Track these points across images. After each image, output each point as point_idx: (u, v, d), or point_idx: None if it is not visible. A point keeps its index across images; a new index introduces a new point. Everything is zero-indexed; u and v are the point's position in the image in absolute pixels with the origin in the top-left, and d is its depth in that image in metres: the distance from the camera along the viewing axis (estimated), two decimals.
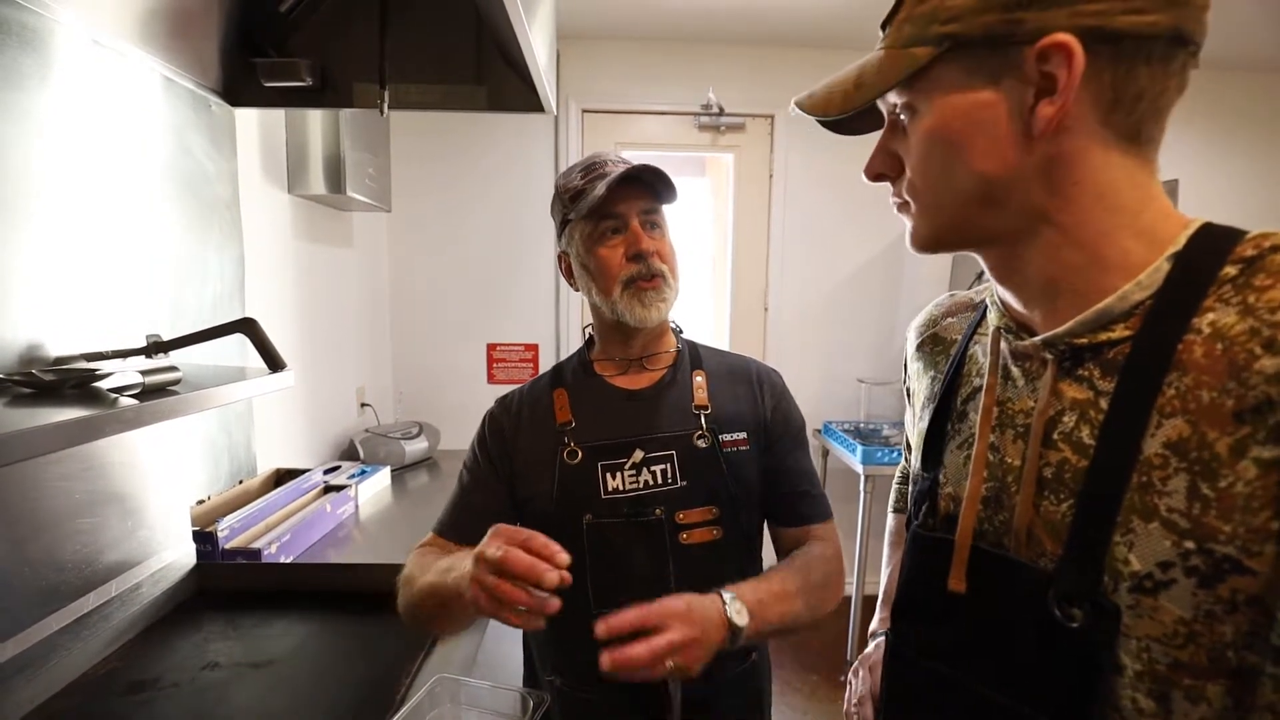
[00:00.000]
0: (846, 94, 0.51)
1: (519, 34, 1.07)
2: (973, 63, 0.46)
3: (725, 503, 0.86)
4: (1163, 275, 0.46)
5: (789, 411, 0.95)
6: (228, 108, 1.35)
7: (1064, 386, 0.50)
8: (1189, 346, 0.44)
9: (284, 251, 1.80)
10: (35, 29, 0.93)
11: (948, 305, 0.70)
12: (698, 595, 0.73)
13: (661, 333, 0.96)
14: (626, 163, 0.90)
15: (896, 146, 0.53)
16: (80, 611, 1.01)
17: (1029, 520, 0.50)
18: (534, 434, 0.92)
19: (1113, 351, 0.47)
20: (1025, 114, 0.45)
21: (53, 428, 0.64)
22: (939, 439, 0.61)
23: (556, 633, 0.90)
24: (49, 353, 0.94)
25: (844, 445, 2.51)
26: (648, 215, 0.89)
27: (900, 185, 0.54)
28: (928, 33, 0.47)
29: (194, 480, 1.33)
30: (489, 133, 2.62)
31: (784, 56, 2.65)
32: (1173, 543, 0.42)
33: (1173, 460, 0.43)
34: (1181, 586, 0.42)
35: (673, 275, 0.91)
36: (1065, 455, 0.49)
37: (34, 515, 0.95)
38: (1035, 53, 0.43)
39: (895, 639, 0.62)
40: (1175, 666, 0.43)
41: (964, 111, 0.47)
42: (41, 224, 0.95)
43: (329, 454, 2.09)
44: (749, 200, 2.78)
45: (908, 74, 0.48)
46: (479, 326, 2.72)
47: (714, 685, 0.86)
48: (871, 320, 2.84)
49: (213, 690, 0.95)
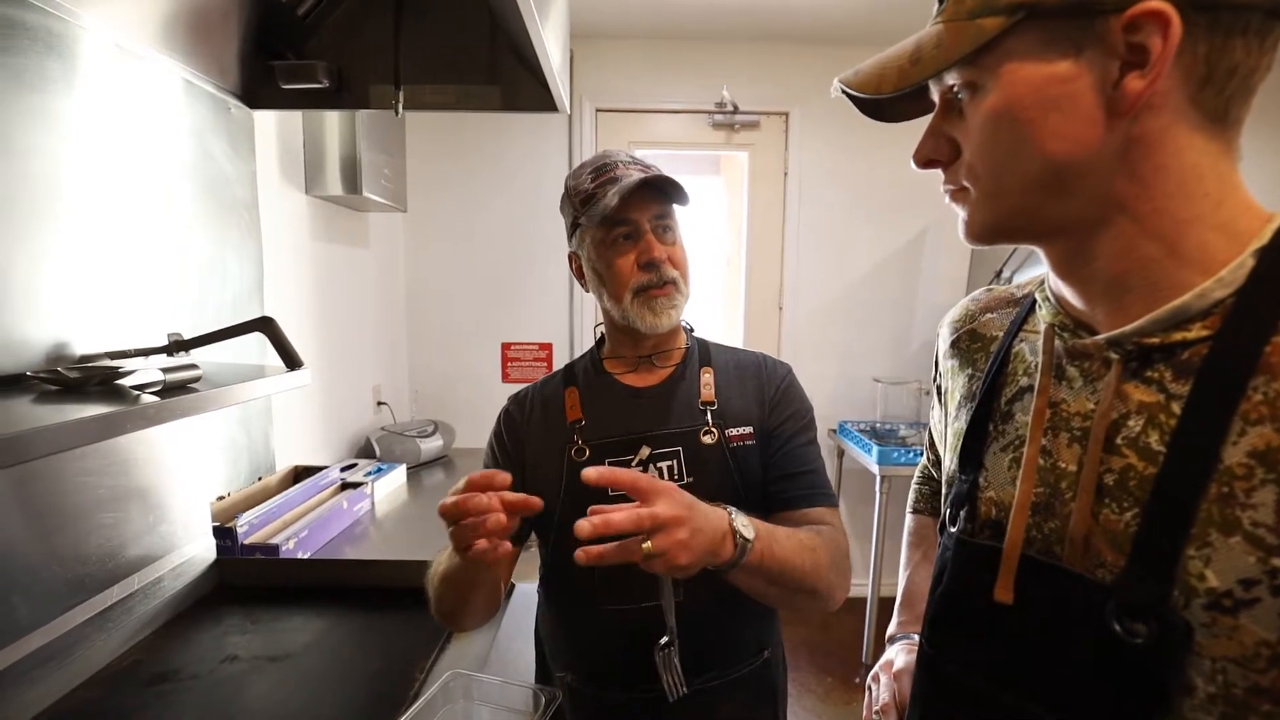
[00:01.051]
0: (902, 70, 0.47)
1: (532, 34, 1.07)
2: (1049, 34, 0.42)
3: (731, 498, 0.84)
4: (1246, 271, 0.42)
5: (792, 398, 0.94)
6: (246, 110, 1.37)
7: (1129, 388, 0.46)
8: (1277, 349, 0.41)
9: (301, 251, 1.82)
10: (61, 34, 0.95)
11: (985, 300, 0.66)
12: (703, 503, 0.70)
13: (672, 332, 0.96)
14: (638, 163, 0.90)
15: (951, 129, 0.49)
16: (104, 604, 1.03)
17: (1086, 529, 0.47)
18: (545, 431, 0.92)
19: (1188, 352, 0.44)
20: (1108, 89, 0.41)
21: (77, 423, 0.66)
22: (979, 440, 0.58)
23: (566, 630, 0.91)
24: (74, 351, 0.96)
25: (860, 445, 2.50)
26: (660, 220, 0.89)
27: (956, 170, 0.50)
28: (997, 3, 0.43)
29: (214, 476, 1.35)
30: (503, 133, 2.64)
31: (798, 54, 2.64)
32: (1258, 559, 0.39)
33: (1259, 471, 0.40)
34: (1266, 606, 0.39)
35: (684, 280, 0.91)
36: (1130, 461, 0.45)
37: (60, 510, 0.97)
38: (1124, 22, 0.40)
39: (931, 650, 0.58)
40: (1255, 691, 0.40)
41: (1038, 87, 0.43)
42: (67, 226, 0.97)
43: (346, 452, 2.11)
44: (763, 199, 2.77)
45: (975, 47, 0.43)
46: (493, 326, 2.74)
47: (725, 680, 0.86)
48: (887, 319, 2.81)
49: (231, 682, 0.97)
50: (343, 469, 1.77)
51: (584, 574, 0.83)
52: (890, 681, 0.75)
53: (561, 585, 0.91)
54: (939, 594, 0.58)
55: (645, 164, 0.91)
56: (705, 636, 0.85)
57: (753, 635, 0.90)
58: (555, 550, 0.90)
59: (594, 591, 0.85)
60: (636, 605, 0.83)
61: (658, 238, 0.88)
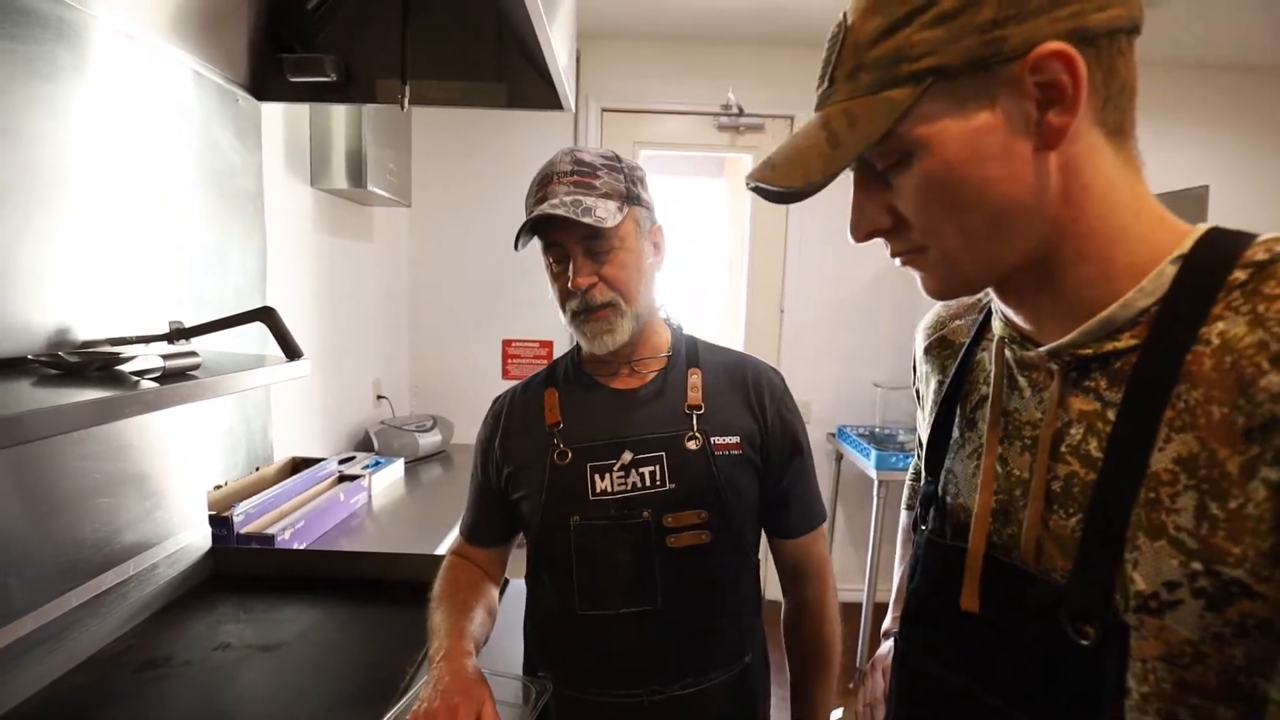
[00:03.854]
0: (824, 155, 0.46)
1: (539, 32, 1.08)
2: (959, 91, 0.43)
3: (715, 506, 0.85)
4: (1168, 280, 0.44)
5: (789, 417, 0.92)
6: (254, 102, 1.38)
7: (1071, 398, 0.48)
8: (1198, 358, 0.42)
9: (305, 244, 1.83)
10: (71, 23, 0.96)
11: (955, 307, 0.69)
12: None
13: (649, 335, 0.92)
14: (577, 173, 0.83)
15: (882, 199, 0.49)
16: (98, 589, 1.03)
17: (1038, 535, 0.49)
18: (526, 434, 0.91)
19: (1120, 362, 0.46)
20: (1032, 128, 0.43)
21: (76, 406, 0.66)
22: (943, 444, 0.60)
23: (545, 632, 0.92)
24: (76, 336, 0.97)
25: (858, 450, 2.49)
26: (590, 241, 0.83)
27: (905, 236, 0.49)
28: (898, 72, 0.43)
29: (212, 465, 1.36)
30: (508, 130, 2.64)
31: (804, 57, 2.64)
32: (1180, 562, 0.41)
33: (1182, 477, 0.42)
34: (1188, 608, 0.41)
35: (630, 297, 0.85)
36: (1074, 469, 0.47)
37: (55, 493, 0.97)
38: (1029, 65, 0.41)
39: (905, 644, 0.61)
40: (1182, 686, 0.42)
41: (966, 142, 0.44)
42: (72, 212, 0.97)
43: (344, 444, 2.12)
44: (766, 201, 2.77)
45: (895, 119, 0.44)
46: (494, 322, 2.75)
47: (703, 686, 0.85)
48: (889, 323, 2.81)
49: (223, 670, 0.98)
50: (340, 461, 1.77)
51: (563, 579, 0.86)
52: (879, 679, 0.76)
53: (542, 587, 0.91)
54: (910, 591, 0.61)
55: (585, 171, 0.83)
56: (684, 639, 0.85)
57: (734, 639, 0.89)
58: (537, 552, 0.90)
59: (572, 597, 0.85)
60: (615, 612, 0.84)
61: (589, 259, 0.83)
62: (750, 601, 0.92)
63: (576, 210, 0.79)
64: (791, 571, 0.96)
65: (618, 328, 0.85)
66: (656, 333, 0.93)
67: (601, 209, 0.81)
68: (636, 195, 0.86)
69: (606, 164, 0.85)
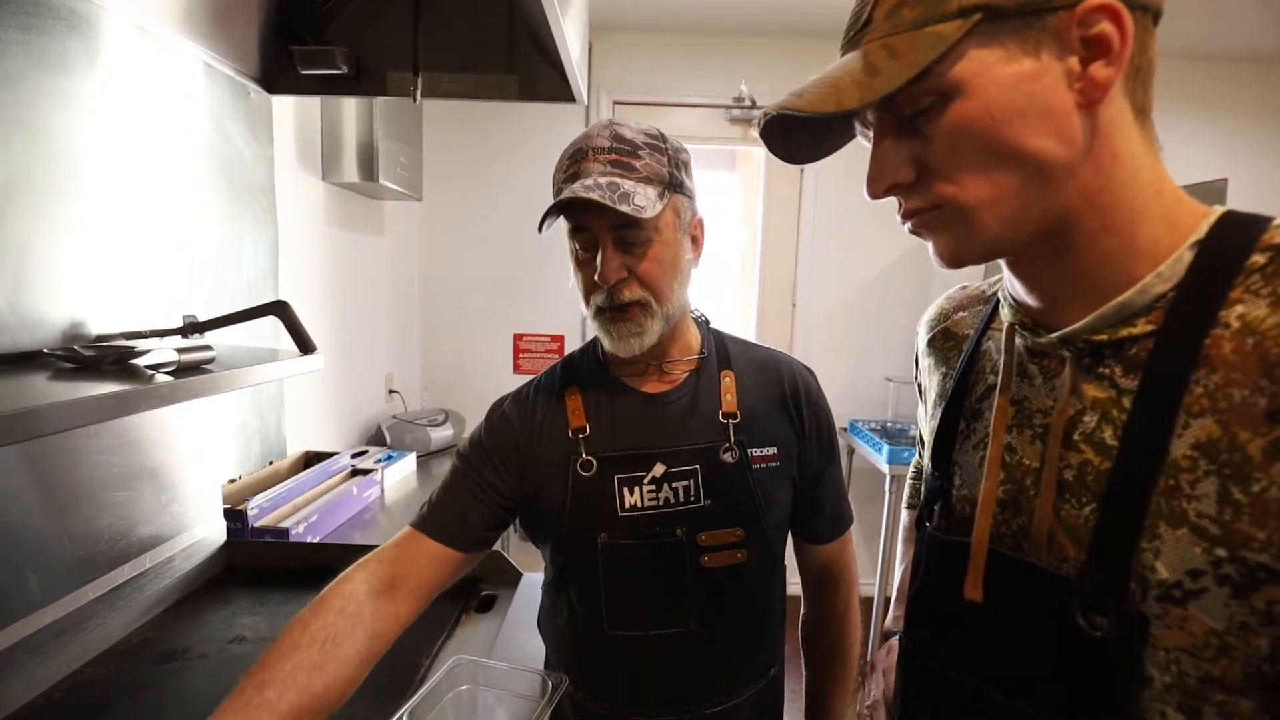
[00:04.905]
0: (860, 84, 0.43)
1: (552, 24, 1.07)
2: (1006, 34, 0.41)
3: (752, 523, 0.79)
4: (1185, 265, 0.43)
5: (825, 422, 0.87)
6: (265, 95, 1.37)
7: (1084, 385, 0.47)
8: (1217, 342, 0.42)
9: (317, 238, 1.83)
10: (84, 15, 0.95)
11: (959, 299, 0.67)
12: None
13: (680, 333, 0.84)
14: (616, 150, 0.73)
15: (908, 148, 0.46)
16: (115, 582, 1.04)
17: (1049, 525, 0.48)
18: (546, 439, 0.81)
19: (1135, 348, 0.45)
20: (1075, 81, 0.41)
21: (91, 400, 0.66)
22: (950, 438, 0.59)
23: (568, 642, 0.85)
24: (90, 330, 0.97)
25: (870, 444, 2.48)
26: (622, 230, 0.73)
27: (924, 192, 0.46)
28: (945, 8, 0.41)
29: (226, 460, 1.36)
30: (519, 123, 2.63)
31: (817, 49, 2.61)
32: (1203, 550, 0.40)
33: (1202, 463, 0.41)
34: (1213, 596, 0.40)
35: (662, 297, 0.76)
36: (1087, 457, 0.46)
37: (72, 487, 0.98)
38: (1077, 17, 0.40)
39: (910, 644, 0.60)
40: (1206, 681, 0.41)
41: (1010, 86, 0.41)
42: (86, 206, 0.97)
43: (357, 439, 2.13)
44: (779, 195, 2.75)
45: (939, 53, 0.41)
46: (506, 316, 2.74)
47: (730, 704, 0.81)
48: (901, 318, 2.78)
49: (239, 663, 0.98)
50: (353, 455, 1.78)
51: (589, 596, 0.80)
52: (880, 679, 0.75)
53: (567, 601, 0.83)
54: (914, 589, 0.60)
55: (625, 150, 0.73)
56: (716, 660, 0.80)
57: (765, 654, 0.86)
58: (562, 567, 0.83)
59: (599, 614, 0.79)
60: (644, 633, 0.78)
61: (620, 250, 0.74)
62: (779, 612, 0.88)
63: (613, 195, 0.69)
64: (819, 577, 0.92)
65: (647, 329, 0.76)
66: (688, 331, 0.85)
67: (640, 195, 0.71)
68: (680, 181, 0.76)
69: (650, 143, 0.75)
